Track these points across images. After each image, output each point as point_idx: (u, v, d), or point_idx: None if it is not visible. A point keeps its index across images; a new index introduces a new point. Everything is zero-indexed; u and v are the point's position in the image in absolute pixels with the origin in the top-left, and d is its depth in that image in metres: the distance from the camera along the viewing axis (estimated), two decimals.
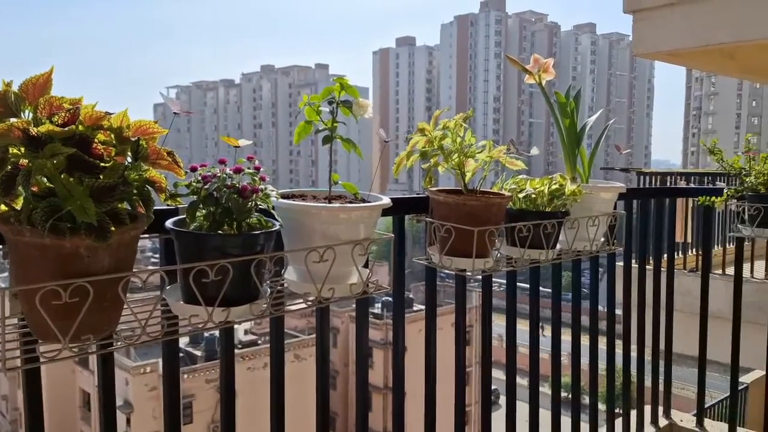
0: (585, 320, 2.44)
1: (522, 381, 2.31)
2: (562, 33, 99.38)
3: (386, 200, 1.26)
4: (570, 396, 2.33)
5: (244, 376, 19.53)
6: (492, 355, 1.93)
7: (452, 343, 1.87)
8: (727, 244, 6.45)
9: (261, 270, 1.11)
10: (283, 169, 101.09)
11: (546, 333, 2.47)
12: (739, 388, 8.92)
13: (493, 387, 2.01)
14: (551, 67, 1.91)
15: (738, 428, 2.73)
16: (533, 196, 1.70)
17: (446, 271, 1.56)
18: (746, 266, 5.79)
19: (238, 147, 1.17)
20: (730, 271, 5.71)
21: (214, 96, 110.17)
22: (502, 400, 2.08)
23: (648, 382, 2.75)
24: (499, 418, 2.04)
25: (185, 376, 20.13)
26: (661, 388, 2.75)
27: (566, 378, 2.45)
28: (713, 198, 2.40)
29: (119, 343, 1.05)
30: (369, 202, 1.27)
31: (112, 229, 0.92)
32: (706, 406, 7.56)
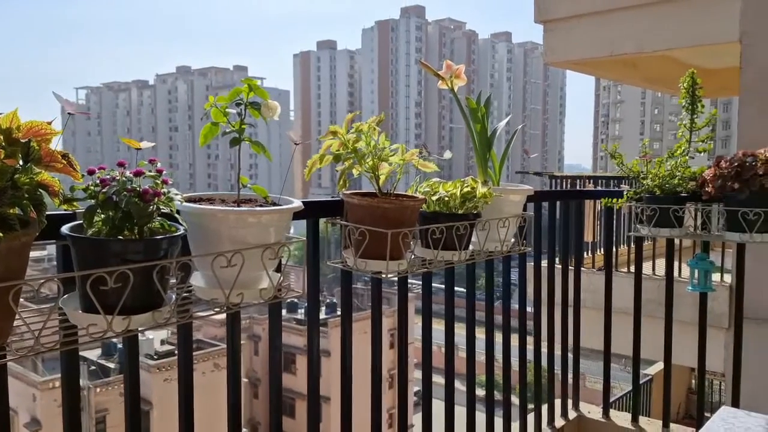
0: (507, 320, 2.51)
1: (441, 380, 2.35)
2: (479, 41, 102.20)
3: (297, 203, 1.25)
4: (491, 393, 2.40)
5: (161, 388, 18.86)
6: (413, 357, 1.95)
7: (386, 348, 1.88)
8: (633, 244, 6.81)
9: (164, 276, 1.07)
10: (201, 173, 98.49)
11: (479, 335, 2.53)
12: (645, 379, 9.45)
13: (417, 389, 2.04)
14: (463, 73, 1.95)
15: (641, 417, 2.88)
16: (446, 198, 1.73)
17: (389, 275, 1.55)
18: (649, 264, 6.14)
19: (140, 149, 1.12)
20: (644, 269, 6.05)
21: (126, 98, 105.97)
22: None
23: (564, 377, 2.86)
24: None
25: (98, 389, 19.23)
26: (570, 381, 2.87)
27: (484, 376, 2.50)
28: (615, 200, 2.53)
29: (10, 355, 0.98)
30: (280, 205, 1.26)
31: (0, 235, 0.86)
32: (617, 397, 7.92)
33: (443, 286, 2.20)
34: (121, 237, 1.05)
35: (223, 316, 1.28)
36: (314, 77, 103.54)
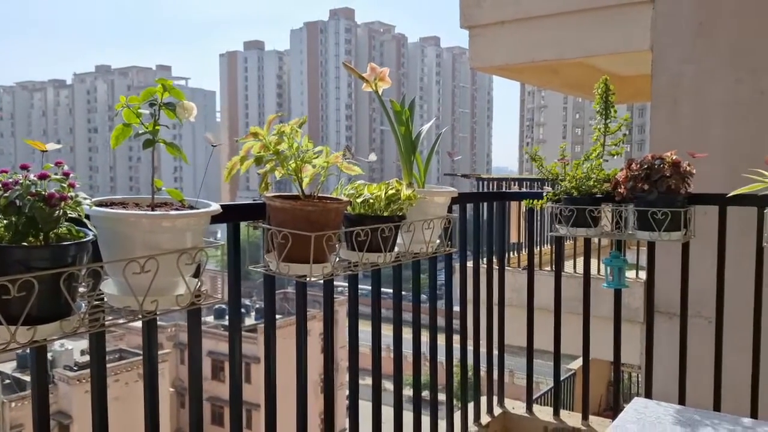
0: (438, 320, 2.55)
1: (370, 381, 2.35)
2: (409, 44, 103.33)
3: (215, 207, 1.22)
4: (422, 393, 2.42)
5: (82, 400, 18.04)
6: (341, 360, 1.94)
7: (313, 351, 1.87)
8: (565, 242, 7.06)
9: (73, 284, 1.02)
10: (122, 176, 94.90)
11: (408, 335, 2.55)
12: (569, 374, 9.79)
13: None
14: (387, 75, 1.96)
15: (562, 411, 2.99)
16: (371, 200, 1.74)
17: (313, 279, 1.53)
18: (572, 262, 6.37)
19: (45, 151, 1.07)
20: (565, 267, 6.26)
21: (42, 97, 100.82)
22: (362, 404, 2.10)
23: (489, 375, 2.92)
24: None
25: (12, 404, 18.20)
26: (495, 379, 2.94)
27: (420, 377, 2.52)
28: (536, 201, 2.61)
29: None
30: (197, 208, 1.22)
31: None
32: (542, 392, 8.15)
33: (388, 290, 2.21)
34: (24, 243, 0.99)
35: (123, 320, 1.23)
36: (241, 78, 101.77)
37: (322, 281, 1.73)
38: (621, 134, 2.50)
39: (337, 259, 1.63)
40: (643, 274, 5.32)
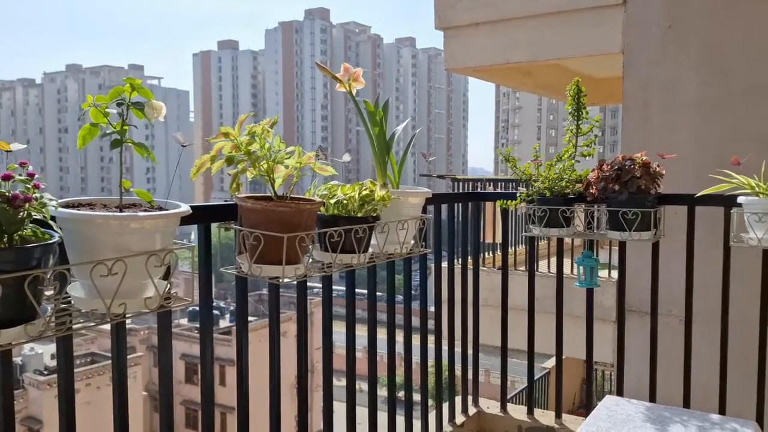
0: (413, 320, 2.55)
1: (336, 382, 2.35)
2: (384, 45, 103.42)
3: (185, 208, 1.20)
4: (398, 394, 2.42)
5: (52, 405, 17.68)
6: (317, 361, 1.93)
7: (285, 353, 1.85)
8: (540, 242, 7.13)
9: (38, 287, 1.00)
10: (94, 176, 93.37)
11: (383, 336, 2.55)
12: (543, 372, 9.88)
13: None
14: (361, 76, 1.96)
15: (536, 409, 3.01)
16: (344, 201, 1.73)
17: (287, 280, 1.52)
18: (547, 262, 6.43)
19: (10, 151, 1.04)
20: (540, 267, 6.32)
21: (10, 97, 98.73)
22: (337, 405, 2.09)
23: (464, 374, 2.93)
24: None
25: None
26: (470, 378, 2.95)
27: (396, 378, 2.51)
28: (509, 201, 2.63)
29: None
30: (166, 210, 1.20)
31: None
32: (517, 391, 8.20)
33: (363, 291, 2.20)
34: None
35: (92, 324, 1.21)
36: (215, 78, 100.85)
37: (295, 282, 1.72)
38: (592, 135, 2.53)
39: (311, 260, 1.63)
40: (615, 274, 5.39)
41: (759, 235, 2.01)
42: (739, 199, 2.08)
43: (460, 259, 3.05)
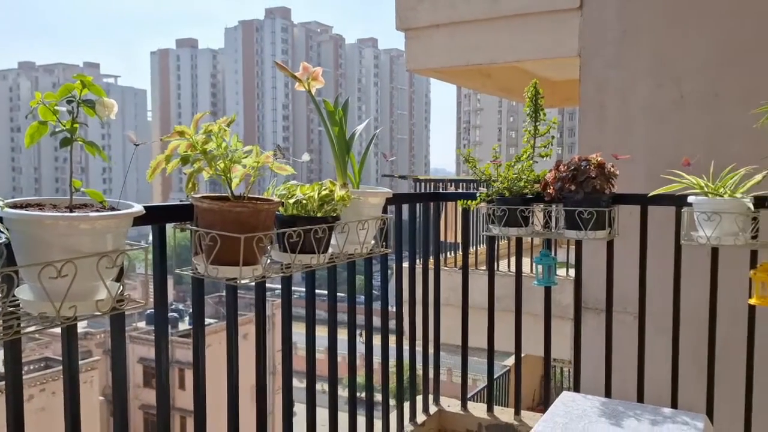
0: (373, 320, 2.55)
1: (298, 383, 2.33)
2: (346, 45, 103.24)
3: (138, 208, 1.18)
4: (359, 395, 2.42)
5: (2, 412, 17.10)
6: (276, 361, 1.91)
7: (247, 355, 1.83)
8: (501, 241, 7.22)
9: None
10: (48, 177, 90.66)
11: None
12: (504, 370, 9.99)
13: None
14: (320, 75, 1.95)
15: (496, 407, 3.05)
16: (304, 201, 1.72)
17: (244, 281, 1.49)
18: (507, 261, 6.51)
19: None
20: (500, 266, 6.40)
21: None
22: (300, 407, 2.08)
23: (425, 374, 2.95)
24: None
25: None
26: (431, 377, 2.97)
27: (358, 378, 2.51)
28: (469, 201, 2.65)
29: None
30: (118, 210, 1.18)
31: None
32: (479, 389, 8.27)
33: (323, 291, 2.19)
34: None
35: (80, 329, 1.18)
36: (174, 76, 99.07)
37: (253, 284, 1.70)
38: (550, 136, 2.57)
39: (269, 261, 1.61)
40: (573, 272, 5.49)
41: (708, 233, 2.08)
42: (689, 199, 2.14)
43: (421, 259, 3.07)
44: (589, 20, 4.25)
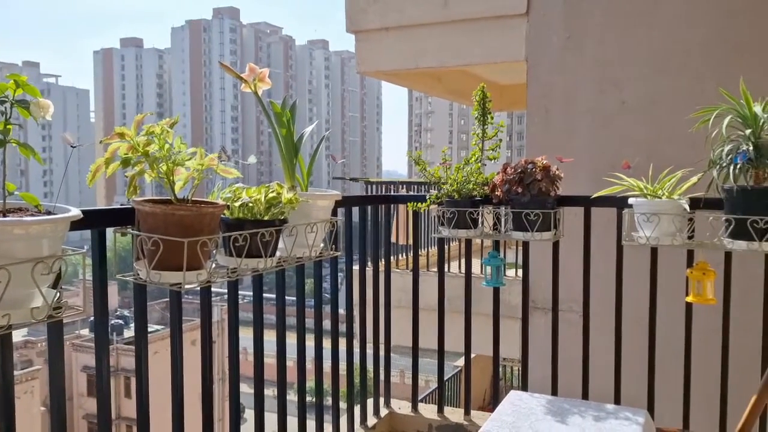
0: (326, 324, 2.53)
1: (244, 389, 2.30)
2: (297, 47, 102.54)
3: (75, 212, 1.14)
4: (310, 399, 2.40)
5: None
6: (221, 369, 1.88)
7: (196, 362, 1.79)
8: (451, 243, 7.30)
9: None
10: None
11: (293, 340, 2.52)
12: (456, 371, 10.07)
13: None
14: (267, 77, 1.93)
15: (446, 408, 3.07)
16: (250, 204, 1.70)
17: (189, 287, 1.45)
18: (459, 263, 6.57)
19: None
20: (451, 268, 6.46)
21: None
22: (251, 413, 2.04)
23: (376, 376, 2.95)
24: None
25: None
26: (382, 379, 2.97)
27: (309, 382, 2.48)
28: (419, 204, 2.67)
29: None
30: (54, 214, 1.13)
31: None
32: (431, 390, 8.31)
33: (271, 295, 2.16)
34: None
35: (20, 337, 1.13)
36: (118, 77, 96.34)
37: (198, 289, 1.66)
38: (498, 139, 2.62)
39: (214, 265, 1.58)
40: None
41: (647, 233, 2.15)
42: (630, 201, 2.21)
43: (371, 262, 3.07)
44: (535, 26, 4.34)
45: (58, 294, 1.13)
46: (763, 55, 3.31)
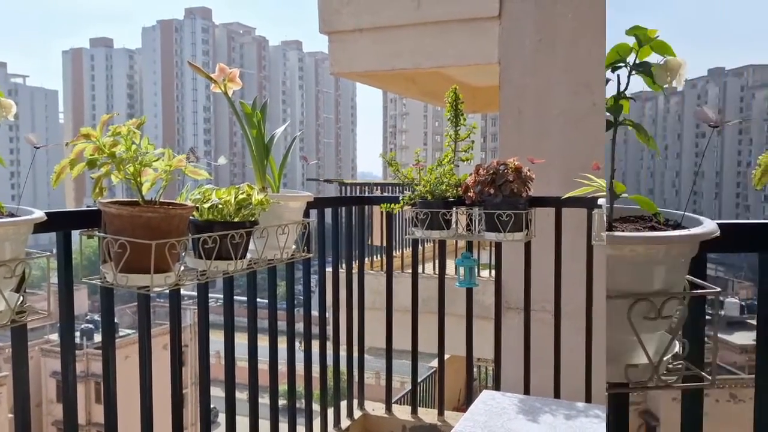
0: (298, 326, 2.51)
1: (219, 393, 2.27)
2: (270, 48, 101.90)
3: (38, 214, 1.11)
4: (283, 402, 2.38)
5: None
6: (187, 373, 1.85)
7: (168, 366, 1.77)
8: (426, 244, 7.31)
9: None
10: None
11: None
12: (431, 371, 10.10)
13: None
14: (237, 77, 1.91)
15: (420, 408, 3.08)
16: (220, 206, 1.68)
17: (157, 289, 1.43)
18: (433, 264, 6.58)
19: None
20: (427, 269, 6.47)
21: None
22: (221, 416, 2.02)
23: (350, 378, 2.94)
24: None
25: None
26: (356, 381, 2.97)
27: (282, 386, 2.46)
28: (393, 205, 2.67)
29: None
30: (17, 216, 1.10)
31: None
32: (406, 391, 8.35)
33: (243, 298, 2.14)
34: None
35: None
36: (88, 77, 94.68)
37: (168, 292, 1.64)
38: (470, 140, 2.63)
39: (183, 268, 1.56)
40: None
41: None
42: (599, 201, 2.24)
43: (344, 264, 3.06)
44: (508, 29, 4.38)
45: (21, 298, 1.10)
46: None
